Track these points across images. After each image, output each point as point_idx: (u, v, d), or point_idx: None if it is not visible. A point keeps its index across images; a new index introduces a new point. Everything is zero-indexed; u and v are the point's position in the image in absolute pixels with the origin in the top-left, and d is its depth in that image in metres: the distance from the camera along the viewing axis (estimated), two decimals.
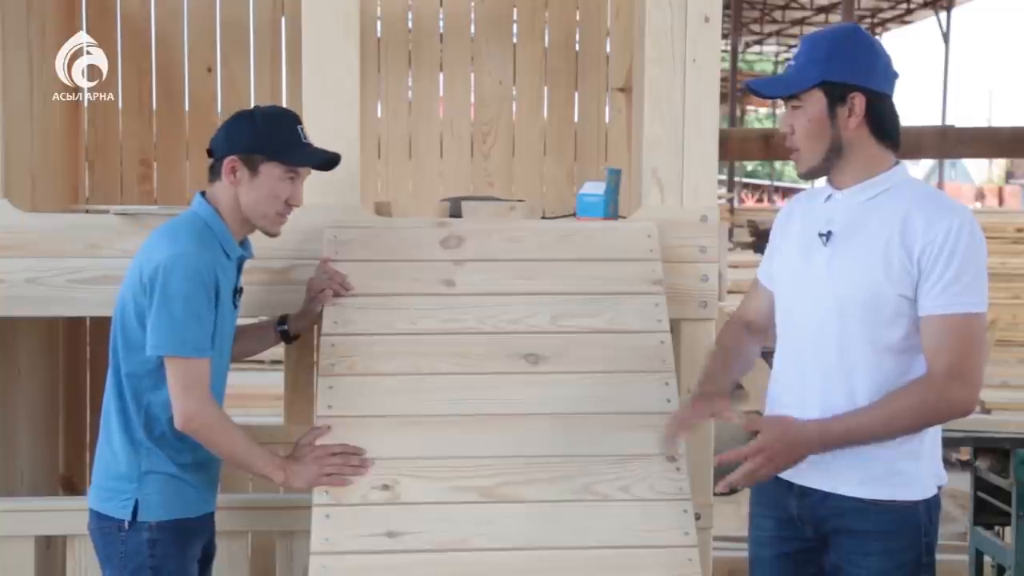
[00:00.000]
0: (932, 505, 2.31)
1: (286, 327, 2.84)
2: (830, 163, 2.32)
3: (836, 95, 2.28)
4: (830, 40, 2.31)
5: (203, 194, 2.58)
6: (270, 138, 2.53)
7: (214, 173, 2.57)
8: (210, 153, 2.59)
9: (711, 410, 2.45)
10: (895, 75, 2.34)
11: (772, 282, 2.51)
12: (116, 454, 2.52)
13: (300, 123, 2.60)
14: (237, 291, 2.61)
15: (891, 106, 2.33)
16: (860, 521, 2.29)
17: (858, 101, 2.27)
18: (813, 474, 2.33)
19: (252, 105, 4.14)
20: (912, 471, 2.28)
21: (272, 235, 2.63)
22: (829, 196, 2.37)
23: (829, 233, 2.32)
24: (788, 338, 2.44)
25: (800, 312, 2.38)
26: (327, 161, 2.64)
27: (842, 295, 2.27)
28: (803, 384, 2.37)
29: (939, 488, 2.34)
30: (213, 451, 2.51)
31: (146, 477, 2.50)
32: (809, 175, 2.38)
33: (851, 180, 2.32)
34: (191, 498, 2.55)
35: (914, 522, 2.29)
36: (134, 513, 2.48)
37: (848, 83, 2.27)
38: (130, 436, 2.50)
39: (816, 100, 2.29)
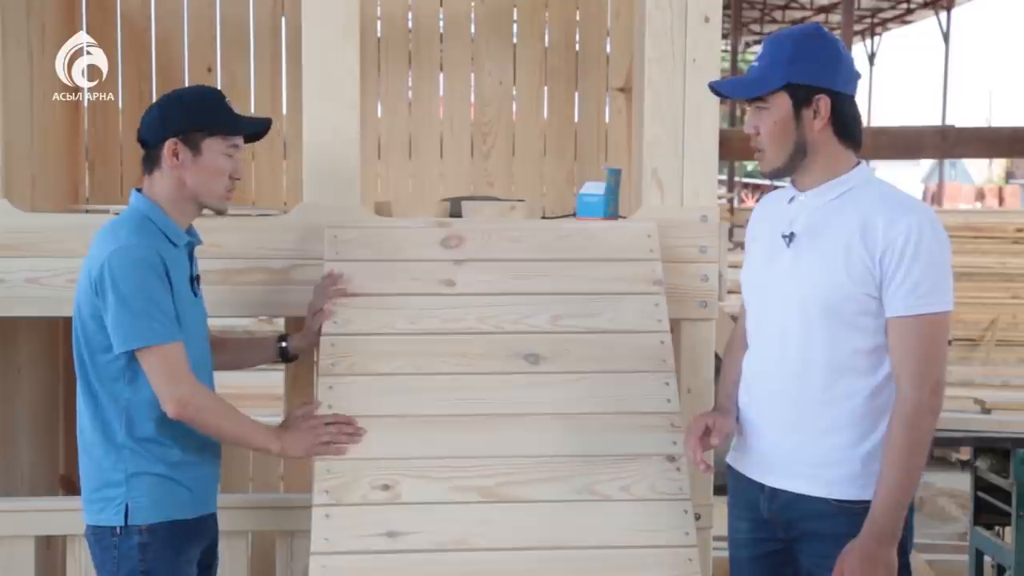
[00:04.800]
0: None
1: (285, 344, 2.81)
2: (795, 164, 2.31)
3: (802, 97, 2.27)
4: (795, 41, 2.29)
5: (139, 190, 2.53)
6: (205, 114, 2.50)
7: (150, 163, 2.51)
8: (143, 144, 2.53)
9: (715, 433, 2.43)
10: (858, 75, 2.34)
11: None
12: (98, 463, 2.47)
13: (225, 97, 2.57)
14: (194, 279, 2.57)
15: (854, 107, 2.33)
16: (829, 524, 2.28)
17: (823, 103, 2.27)
18: (783, 476, 2.34)
19: (252, 104, 4.19)
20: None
21: (221, 212, 2.59)
22: (793, 198, 2.37)
23: (792, 235, 2.32)
24: (754, 342, 2.44)
25: (766, 315, 2.38)
26: (263, 129, 2.62)
27: (806, 296, 2.27)
28: (766, 390, 2.37)
29: None
30: (209, 434, 2.47)
31: (133, 480, 2.44)
32: (773, 175, 2.38)
33: (814, 181, 2.32)
34: (183, 499, 2.49)
35: None
36: (125, 518, 2.43)
37: (813, 85, 2.26)
38: (111, 441, 2.45)
39: (781, 102, 2.28)
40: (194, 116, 2.49)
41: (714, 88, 2.44)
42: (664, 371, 2.71)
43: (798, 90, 2.27)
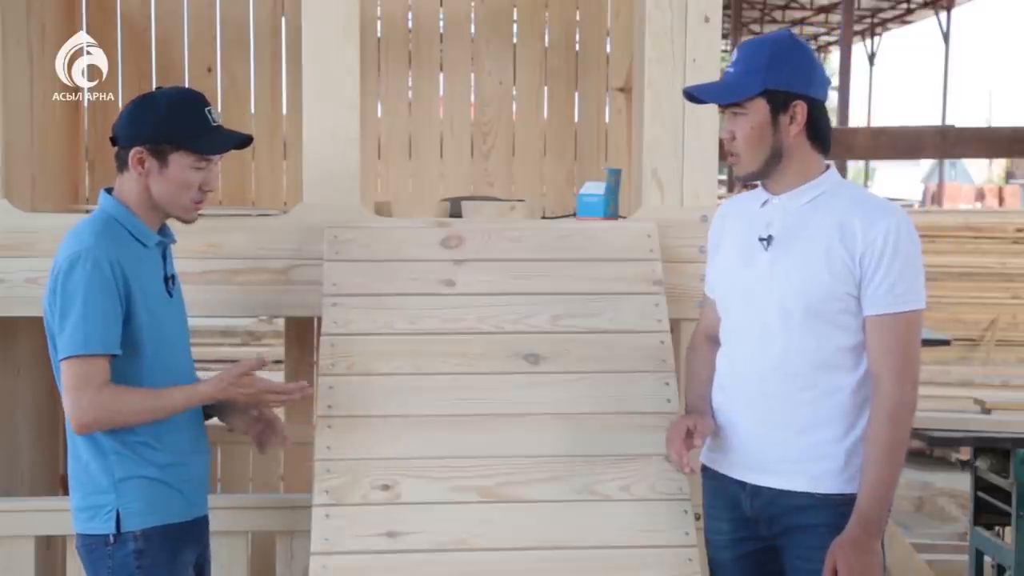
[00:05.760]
0: None
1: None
2: (770, 169, 2.35)
3: (779, 103, 2.30)
4: (772, 47, 2.32)
5: (109, 190, 2.43)
6: (177, 126, 2.37)
7: (120, 162, 2.41)
8: (113, 141, 2.42)
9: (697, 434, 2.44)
10: (828, 82, 2.39)
11: (713, 291, 2.52)
12: (87, 468, 2.37)
13: (208, 104, 2.43)
14: (168, 279, 2.48)
15: (826, 112, 2.37)
16: (813, 518, 2.31)
17: (800, 109, 2.30)
18: (765, 473, 2.35)
19: (252, 104, 4.19)
20: (861, 464, 2.29)
21: (187, 222, 2.47)
22: (766, 201, 2.39)
23: (770, 237, 2.35)
24: (732, 344, 2.45)
25: (744, 317, 2.40)
26: (239, 144, 2.50)
27: (786, 297, 2.30)
28: (747, 390, 2.38)
29: None
30: (133, 424, 2.34)
31: (122, 484, 2.35)
32: (748, 179, 2.40)
33: (788, 185, 2.35)
34: (176, 502, 2.41)
35: None
36: (117, 525, 2.34)
37: (790, 91, 2.30)
38: (96, 446, 2.35)
39: (759, 108, 2.31)
40: (165, 127, 2.37)
41: (689, 94, 2.45)
42: (664, 371, 2.71)
43: (776, 96, 2.30)
